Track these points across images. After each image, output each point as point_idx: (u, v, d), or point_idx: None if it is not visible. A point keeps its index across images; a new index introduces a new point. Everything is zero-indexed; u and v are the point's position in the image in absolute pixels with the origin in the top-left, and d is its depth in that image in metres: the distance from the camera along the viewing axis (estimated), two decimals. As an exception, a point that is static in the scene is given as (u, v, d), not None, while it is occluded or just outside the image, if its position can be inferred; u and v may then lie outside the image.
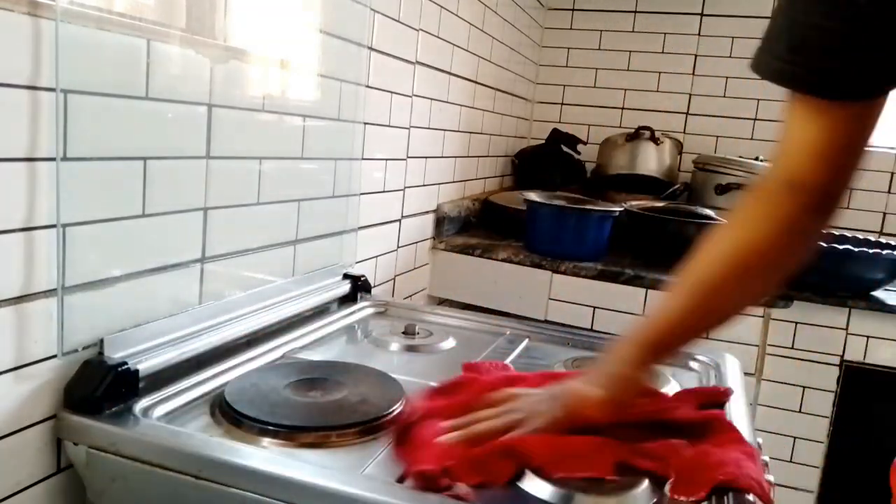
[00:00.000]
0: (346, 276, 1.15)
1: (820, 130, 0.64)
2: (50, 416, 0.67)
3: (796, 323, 1.49)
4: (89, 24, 0.66)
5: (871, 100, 0.63)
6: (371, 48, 1.19)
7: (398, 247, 1.44)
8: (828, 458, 1.54)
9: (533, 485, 0.61)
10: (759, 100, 2.25)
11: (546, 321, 1.56)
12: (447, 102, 1.61)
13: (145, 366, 0.71)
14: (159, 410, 0.69)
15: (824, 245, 1.43)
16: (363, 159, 1.21)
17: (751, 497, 0.61)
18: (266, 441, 0.66)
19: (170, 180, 0.78)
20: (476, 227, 1.85)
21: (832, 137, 0.64)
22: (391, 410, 0.72)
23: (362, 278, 1.17)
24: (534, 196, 1.66)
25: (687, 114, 2.34)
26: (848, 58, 0.60)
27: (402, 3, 1.28)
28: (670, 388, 0.89)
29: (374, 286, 1.30)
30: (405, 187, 1.43)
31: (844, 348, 1.50)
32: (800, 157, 0.67)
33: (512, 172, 2.27)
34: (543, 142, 2.27)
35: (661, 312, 0.76)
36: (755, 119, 2.28)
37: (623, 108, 2.38)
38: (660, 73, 2.33)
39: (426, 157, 1.53)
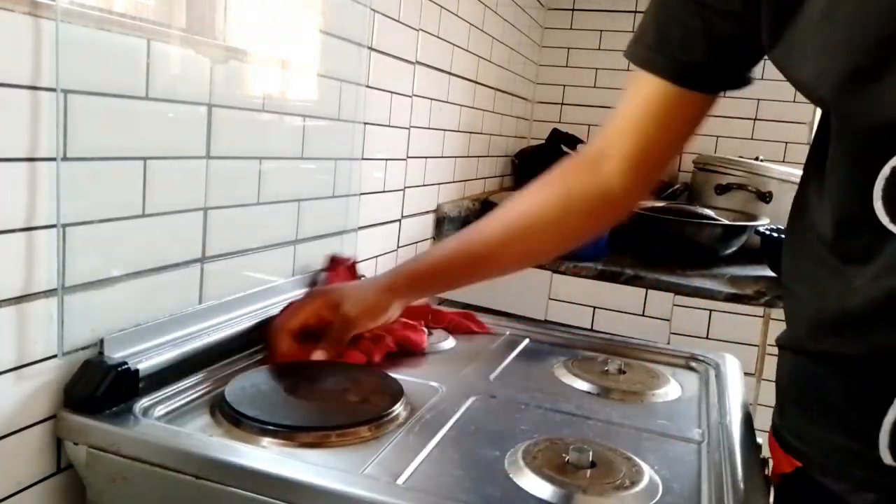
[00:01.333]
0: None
1: (643, 111, 0.73)
2: (50, 416, 0.67)
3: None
4: (89, 24, 0.66)
5: (713, 94, 0.72)
6: (371, 48, 1.19)
7: (398, 247, 1.44)
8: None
9: (533, 485, 0.61)
10: (758, 100, 2.25)
11: (546, 321, 1.56)
12: (447, 102, 1.61)
13: (145, 366, 0.71)
14: (159, 410, 0.69)
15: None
16: (363, 159, 1.21)
17: None
18: (266, 441, 0.66)
19: (170, 180, 0.78)
20: (476, 227, 1.85)
21: (650, 116, 0.73)
22: (391, 410, 0.73)
23: (362, 278, 1.17)
24: (534, 196, 1.66)
25: (687, 114, 2.34)
26: (702, 54, 0.67)
27: (402, 3, 1.28)
28: (670, 388, 0.89)
29: (374, 286, 1.30)
30: (405, 187, 1.43)
31: (844, 348, 1.50)
32: (614, 133, 0.76)
33: (512, 172, 2.27)
34: (543, 142, 2.27)
35: (433, 255, 0.87)
36: (755, 119, 2.28)
37: (623, 108, 2.38)
38: (660, 73, 2.33)
39: (426, 157, 1.53)
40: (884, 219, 0.55)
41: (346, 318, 0.85)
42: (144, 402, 0.69)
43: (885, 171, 0.54)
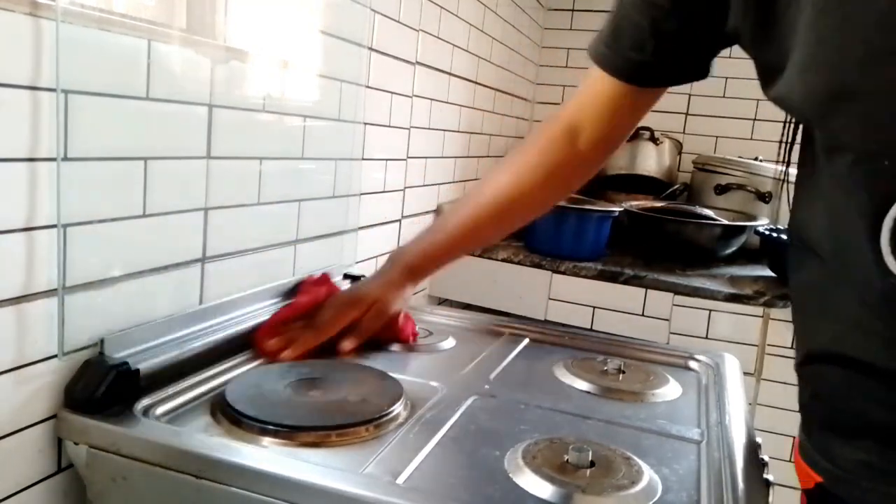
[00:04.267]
0: (346, 276, 1.15)
1: (610, 100, 0.78)
2: (50, 416, 0.67)
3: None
4: (90, 25, 0.66)
5: (656, 88, 0.77)
6: (371, 48, 1.19)
7: (398, 247, 1.44)
8: (827, 458, 1.54)
9: (533, 484, 0.61)
10: (758, 100, 2.25)
11: (546, 321, 1.56)
12: (447, 102, 1.61)
13: (145, 366, 0.71)
14: (160, 410, 0.69)
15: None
16: (363, 159, 1.22)
17: None
18: (266, 441, 0.66)
19: (170, 180, 0.78)
20: (476, 227, 1.85)
21: (617, 106, 0.79)
22: (391, 410, 0.73)
23: (362, 278, 1.17)
24: (534, 196, 1.66)
25: (686, 114, 2.34)
26: (651, 53, 0.70)
27: (402, 3, 1.28)
28: (670, 388, 0.89)
29: (374, 286, 1.30)
30: (405, 187, 1.43)
31: (844, 348, 1.50)
32: (588, 109, 0.81)
33: (512, 172, 2.27)
34: (543, 142, 2.27)
35: (435, 234, 0.94)
36: (755, 119, 2.28)
37: (623, 109, 2.38)
38: (659, 73, 2.33)
39: (426, 157, 1.53)
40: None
41: (378, 307, 0.93)
42: (145, 402, 0.69)
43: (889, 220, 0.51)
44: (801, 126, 0.66)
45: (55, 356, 0.67)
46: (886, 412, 0.58)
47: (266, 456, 0.62)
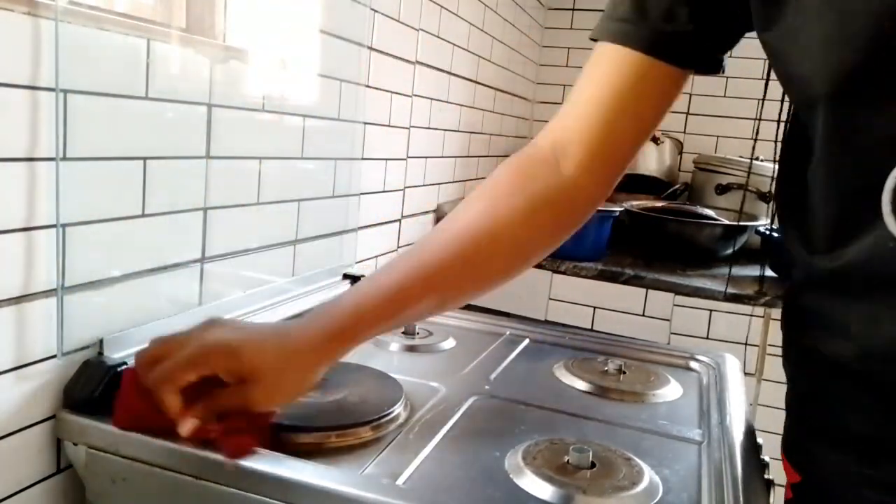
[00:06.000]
0: (346, 276, 1.15)
1: (630, 86, 0.64)
2: (49, 417, 0.67)
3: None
4: (89, 24, 0.66)
5: (686, 70, 0.65)
6: (371, 48, 1.19)
7: (398, 247, 1.44)
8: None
9: (533, 485, 0.61)
10: (759, 100, 2.25)
11: (546, 321, 1.56)
12: (447, 102, 1.61)
13: (145, 366, 0.70)
14: (159, 410, 0.69)
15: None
16: (363, 159, 1.21)
17: None
18: (266, 441, 0.66)
19: (170, 180, 0.77)
20: (476, 227, 1.85)
21: (639, 93, 0.65)
22: (391, 410, 0.72)
23: (362, 278, 1.17)
24: (534, 196, 1.66)
25: (687, 114, 2.34)
26: (685, 22, 0.62)
27: (402, 3, 1.28)
28: (670, 388, 0.89)
29: (374, 286, 1.30)
30: (405, 187, 1.43)
31: (845, 348, 1.50)
32: (578, 123, 0.66)
33: (512, 172, 2.27)
34: (543, 142, 2.27)
35: (377, 285, 0.63)
36: (755, 119, 2.28)
37: (623, 108, 2.38)
38: (660, 72, 2.33)
39: (426, 157, 1.52)
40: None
41: (262, 389, 0.58)
42: (144, 402, 0.69)
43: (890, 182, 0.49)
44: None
45: (54, 356, 0.67)
46: (862, 417, 0.58)
47: (266, 457, 0.62)
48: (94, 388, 0.66)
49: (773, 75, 0.66)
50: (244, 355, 0.58)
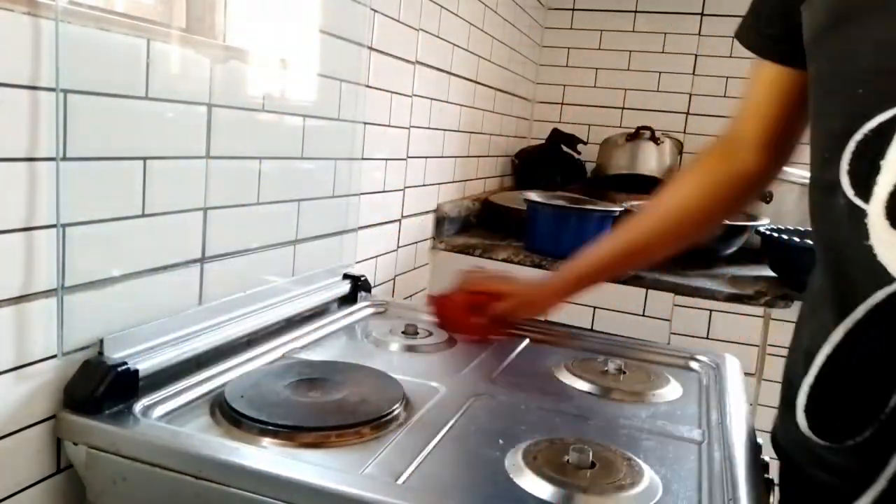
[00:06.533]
0: (346, 276, 1.15)
1: (766, 91, 0.75)
2: (50, 416, 0.67)
3: (796, 323, 1.49)
4: (89, 24, 0.66)
5: (794, 68, 0.70)
6: (371, 48, 1.19)
7: (398, 247, 1.44)
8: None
9: (533, 485, 0.61)
10: (759, 100, 2.25)
11: (546, 321, 1.56)
12: (447, 102, 1.61)
13: (145, 366, 0.71)
14: (159, 410, 0.69)
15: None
16: (363, 159, 1.21)
17: None
18: (266, 441, 0.66)
19: (170, 180, 0.78)
20: (476, 227, 1.85)
21: (773, 96, 0.74)
22: (391, 410, 0.72)
23: (362, 278, 1.17)
24: (534, 196, 1.66)
25: (687, 114, 2.34)
26: (778, 26, 0.68)
27: (402, 3, 1.28)
28: (670, 388, 0.89)
29: (374, 286, 1.30)
30: (405, 187, 1.43)
31: (845, 348, 1.50)
32: (748, 113, 0.78)
33: (512, 172, 2.27)
34: (543, 142, 2.27)
35: (597, 254, 0.93)
36: (755, 119, 2.28)
37: (623, 108, 2.38)
38: (660, 73, 2.33)
39: (426, 157, 1.52)
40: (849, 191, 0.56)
41: (522, 306, 0.99)
42: (144, 402, 0.69)
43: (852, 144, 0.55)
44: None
45: (54, 356, 0.67)
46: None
47: (266, 456, 0.62)
48: (95, 388, 0.66)
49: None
50: (515, 283, 1.01)
